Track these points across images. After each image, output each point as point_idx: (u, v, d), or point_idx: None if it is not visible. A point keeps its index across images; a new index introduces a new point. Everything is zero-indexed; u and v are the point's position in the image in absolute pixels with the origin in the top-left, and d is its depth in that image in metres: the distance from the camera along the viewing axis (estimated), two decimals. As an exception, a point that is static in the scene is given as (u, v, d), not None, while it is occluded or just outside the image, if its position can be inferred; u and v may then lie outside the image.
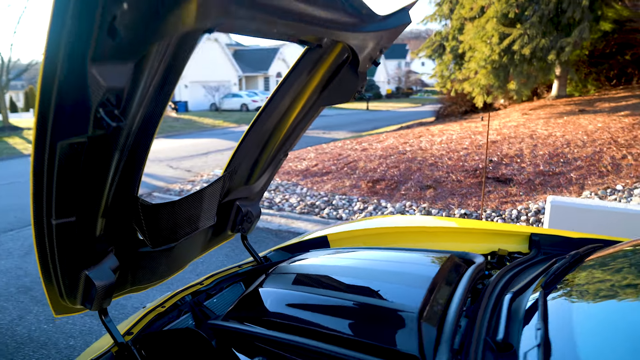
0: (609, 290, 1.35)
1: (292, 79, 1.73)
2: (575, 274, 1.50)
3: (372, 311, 1.31)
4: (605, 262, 1.57)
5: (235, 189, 2.05)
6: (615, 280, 1.40)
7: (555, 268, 1.57)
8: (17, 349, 2.98)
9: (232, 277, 2.05)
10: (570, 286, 1.44)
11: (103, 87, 0.91)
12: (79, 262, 1.29)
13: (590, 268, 1.54)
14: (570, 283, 1.46)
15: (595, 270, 1.52)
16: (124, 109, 1.01)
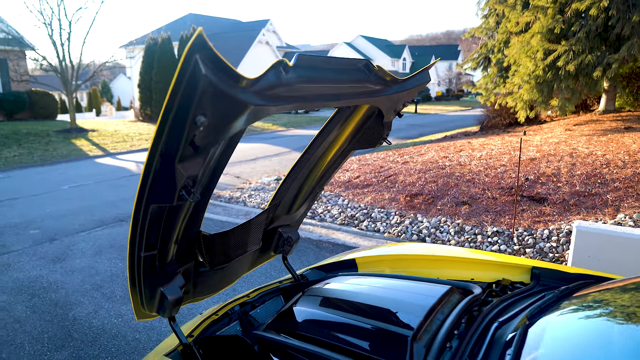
0: (583, 326, 1.63)
1: (328, 130, 2.13)
2: (558, 309, 1.78)
3: (378, 332, 1.69)
4: (587, 299, 1.83)
5: (278, 218, 2.47)
6: (591, 316, 1.66)
7: (543, 302, 1.89)
8: (95, 339, 3.53)
9: (274, 292, 2.46)
10: (551, 319, 1.72)
11: (184, 176, 1.34)
12: (156, 282, 1.73)
13: (573, 304, 1.81)
14: (551, 316, 1.74)
15: (577, 306, 1.79)
16: (198, 187, 1.45)
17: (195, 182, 1.40)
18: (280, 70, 1.39)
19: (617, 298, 1.78)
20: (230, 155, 1.61)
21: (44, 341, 3.53)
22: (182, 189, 1.37)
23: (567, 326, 1.65)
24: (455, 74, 56.98)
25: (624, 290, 1.77)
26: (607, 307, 1.72)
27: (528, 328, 1.68)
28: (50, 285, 4.55)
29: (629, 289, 1.76)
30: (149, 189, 1.37)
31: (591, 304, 1.80)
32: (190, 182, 1.38)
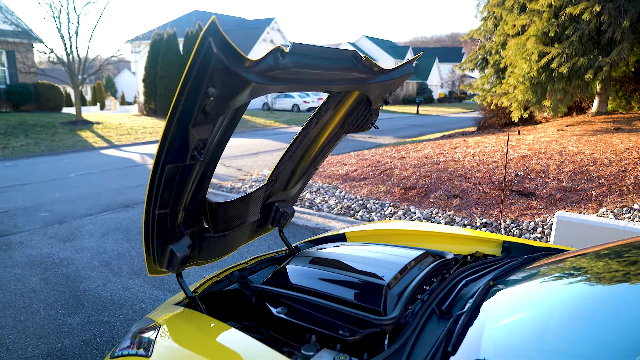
0: (534, 286, 1.90)
1: (320, 114, 2.41)
2: (519, 272, 2.06)
3: (359, 282, 1.97)
4: (544, 265, 2.10)
5: (276, 193, 2.75)
6: (545, 278, 1.93)
7: (507, 267, 2.17)
8: (104, 307, 3.82)
9: (270, 260, 2.74)
10: (510, 281, 2.00)
11: (196, 138, 1.62)
12: (167, 240, 2.01)
13: (532, 268, 2.09)
14: (512, 277, 2.02)
15: (535, 271, 2.07)
16: (207, 149, 1.73)
17: (205, 145, 1.68)
18: (278, 55, 1.68)
19: (570, 263, 2.05)
20: (234, 127, 1.90)
21: (58, 308, 3.82)
22: (194, 150, 1.65)
23: (524, 285, 1.92)
24: (458, 76, 57.19)
25: (576, 258, 2.04)
26: (560, 270, 1.99)
27: (491, 286, 1.97)
28: (61, 261, 4.84)
29: (581, 256, 2.02)
30: (166, 151, 1.66)
31: (547, 268, 2.07)
32: (201, 144, 1.66)
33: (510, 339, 1.53)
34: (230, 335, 1.72)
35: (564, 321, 1.53)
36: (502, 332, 1.58)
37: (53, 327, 3.51)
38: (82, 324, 3.55)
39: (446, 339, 1.58)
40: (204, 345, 1.68)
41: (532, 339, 1.47)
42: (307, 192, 7.39)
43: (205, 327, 1.83)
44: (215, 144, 1.87)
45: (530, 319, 1.58)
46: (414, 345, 1.62)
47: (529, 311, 1.66)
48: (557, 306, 1.63)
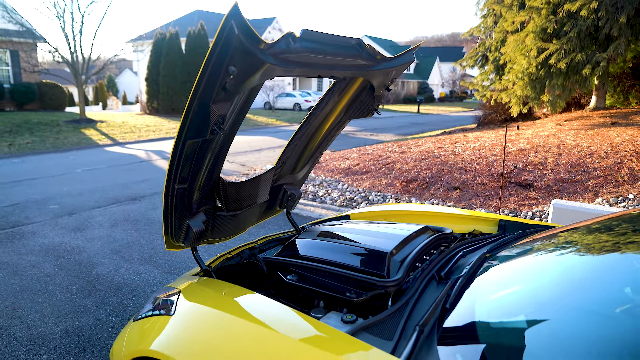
0: (528, 256, 2.05)
1: (325, 100, 2.56)
2: (513, 246, 2.21)
3: (363, 251, 2.12)
4: (536, 240, 2.25)
5: (284, 176, 2.91)
6: (535, 250, 2.08)
7: (502, 241, 2.33)
8: (117, 290, 3.98)
9: (278, 240, 2.89)
10: (504, 254, 2.14)
11: (216, 114, 1.78)
12: (184, 215, 2.16)
13: (526, 243, 2.24)
14: (505, 253, 2.17)
15: (527, 244, 2.21)
16: (225, 124, 1.89)
17: (223, 120, 1.84)
18: (290, 40, 1.84)
19: (562, 236, 2.20)
20: (249, 107, 2.05)
21: (73, 291, 3.98)
22: (214, 125, 1.81)
23: (518, 255, 2.07)
24: (459, 75, 57.29)
25: (569, 232, 2.19)
26: (552, 242, 2.14)
27: (487, 257, 2.12)
28: (73, 249, 5.01)
29: (573, 230, 2.17)
30: (188, 127, 1.81)
31: (540, 241, 2.22)
32: (220, 119, 1.82)
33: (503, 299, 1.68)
34: (248, 295, 1.88)
35: (554, 284, 1.68)
36: (496, 294, 1.73)
37: (69, 307, 3.67)
38: (96, 305, 3.71)
39: (445, 298, 1.73)
40: (224, 303, 1.83)
41: (523, 300, 1.63)
42: (310, 185, 7.55)
43: (224, 289, 1.99)
44: (231, 123, 2.02)
45: (521, 284, 1.73)
46: (415, 304, 1.77)
47: (522, 277, 1.81)
48: (548, 275, 1.79)
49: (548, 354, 1.33)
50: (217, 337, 1.63)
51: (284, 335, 1.53)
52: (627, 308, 1.46)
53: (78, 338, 3.23)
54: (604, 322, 1.39)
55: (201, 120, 1.80)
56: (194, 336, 1.68)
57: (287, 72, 1.97)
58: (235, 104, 1.91)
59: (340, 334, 1.51)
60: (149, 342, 1.73)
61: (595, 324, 1.39)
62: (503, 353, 1.38)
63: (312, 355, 1.42)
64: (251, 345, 1.53)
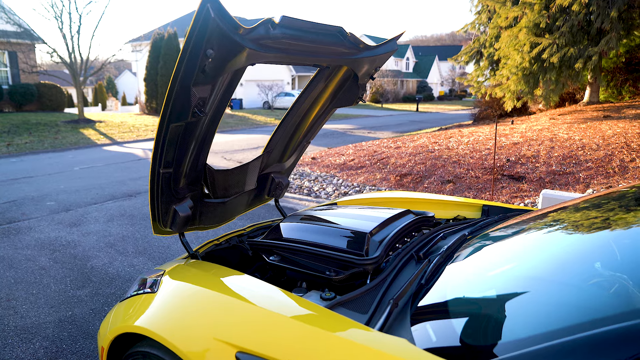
0: (503, 240, 2.10)
1: (310, 89, 2.62)
2: (491, 229, 2.26)
3: (344, 232, 2.18)
4: (517, 222, 2.30)
5: (271, 164, 2.96)
6: (507, 234, 2.12)
7: (483, 223, 2.38)
8: (112, 281, 4.04)
9: (267, 227, 2.94)
10: (484, 235, 2.19)
11: (197, 97, 1.83)
12: (170, 199, 2.21)
13: (506, 224, 2.28)
14: (485, 234, 2.22)
15: (506, 228, 2.26)
16: (206, 107, 1.94)
17: (204, 103, 1.89)
18: (269, 26, 1.89)
19: (543, 217, 2.25)
20: (232, 91, 2.10)
21: (67, 282, 4.03)
22: (194, 107, 1.86)
23: (497, 238, 2.12)
24: (458, 74, 57.31)
25: (553, 213, 2.24)
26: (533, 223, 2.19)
27: (467, 238, 2.18)
28: (69, 243, 5.06)
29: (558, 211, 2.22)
30: (170, 110, 1.86)
31: (520, 223, 2.27)
32: (201, 102, 1.87)
33: (478, 277, 1.73)
34: (232, 275, 1.93)
35: (531, 262, 1.73)
36: (472, 272, 1.78)
37: (63, 298, 3.73)
38: (90, 296, 3.76)
39: (422, 275, 1.79)
40: (208, 281, 1.89)
41: (499, 277, 1.68)
42: (305, 181, 7.61)
43: (209, 269, 2.04)
44: (214, 106, 2.07)
45: (499, 263, 1.79)
46: (392, 281, 1.83)
47: (500, 257, 1.86)
48: (521, 252, 1.84)
49: (515, 325, 1.38)
50: (199, 311, 1.68)
51: (262, 307, 1.58)
52: (596, 282, 1.52)
53: (71, 327, 3.29)
54: (576, 292, 1.43)
55: (182, 103, 1.85)
56: (177, 311, 1.74)
57: (269, 58, 2.02)
58: (218, 88, 1.96)
59: (317, 307, 1.56)
60: (133, 319, 1.79)
61: (567, 294, 1.44)
62: (474, 325, 1.43)
63: (287, 325, 1.48)
64: (230, 317, 1.58)
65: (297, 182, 7.54)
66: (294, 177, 7.80)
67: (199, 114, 1.88)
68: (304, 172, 8.07)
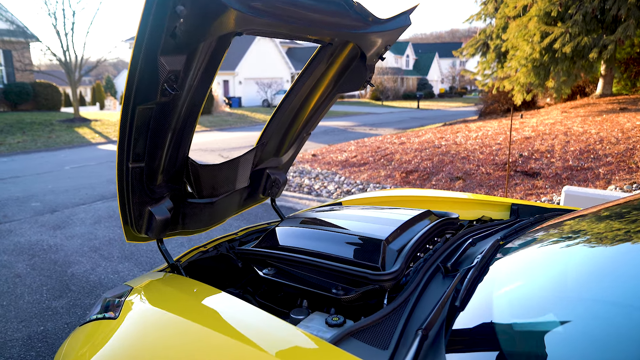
0: (548, 244, 1.70)
1: (310, 70, 2.20)
2: (530, 234, 1.86)
3: (354, 239, 1.78)
4: (556, 225, 1.90)
5: (266, 159, 2.55)
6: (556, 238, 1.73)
7: (517, 226, 1.98)
8: (91, 291, 3.64)
9: (261, 231, 2.55)
10: (521, 240, 1.79)
11: (167, 70, 1.43)
12: (145, 200, 1.81)
13: (542, 230, 1.88)
14: (523, 239, 1.82)
15: (546, 232, 1.86)
16: (180, 84, 1.53)
17: (177, 78, 1.49)
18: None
19: (587, 221, 1.85)
20: (217, 65, 1.68)
21: (43, 292, 3.64)
22: (164, 83, 1.46)
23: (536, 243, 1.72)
24: (458, 71, 56.91)
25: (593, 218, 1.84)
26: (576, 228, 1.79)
27: (500, 245, 1.77)
28: (50, 247, 4.67)
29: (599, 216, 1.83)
30: (136, 87, 1.46)
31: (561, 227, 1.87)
32: (172, 76, 1.47)
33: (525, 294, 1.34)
34: (212, 295, 1.54)
35: (581, 278, 1.35)
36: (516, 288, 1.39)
37: (36, 311, 3.34)
38: (67, 308, 3.37)
39: (453, 295, 1.39)
40: (180, 305, 1.49)
41: (548, 297, 1.29)
42: (305, 178, 7.21)
43: (184, 288, 1.64)
44: (194, 84, 1.66)
45: (545, 276, 1.39)
46: (416, 302, 1.43)
47: (545, 268, 1.47)
48: (573, 264, 1.45)
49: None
50: (161, 348, 1.28)
51: (246, 346, 1.19)
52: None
53: (41, 345, 2.90)
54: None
55: (148, 77, 1.45)
56: (135, 349, 1.34)
57: (262, 26, 1.61)
58: (197, 60, 1.55)
59: (320, 342, 1.17)
60: (88, 357, 1.39)
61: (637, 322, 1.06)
62: None
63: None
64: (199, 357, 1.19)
65: (297, 180, 7.14)
66: (293, 175, 7.40)
67: (170, 91, 1.48)
68: (304, 170, 7.67)
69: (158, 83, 1.46)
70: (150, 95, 1.49)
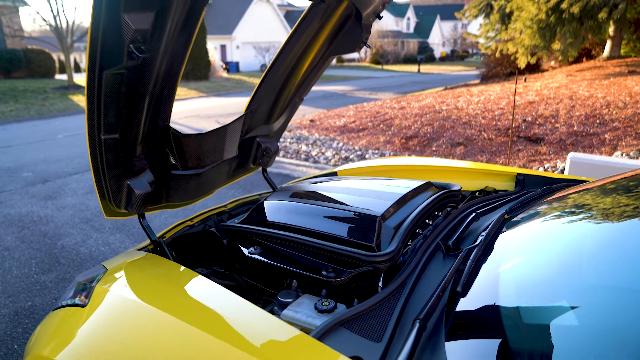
0: (557, 219, 1.56)
1: (302, 30, 2.01)
2: (538, 207, 1.72)
3: (346, 215, 1.64)
4: (566, 197, 1.75)
5: (256, 127, 2.38)
6: (567, 212, 1.59)
7: (523, 199, 1.83)
8: (81, 264, 3.54)
9: (252, 202, 2.41)
10: (528, 214, 1.65)
11: (132, 29, 1.25)
12: (122, 174, 1.66)
13: (552, 201, 1.74)
14: (530, 211, 1.67)
15: (555, 204, 1.71)
16: (150, 46, 1.36)
17: (146, 38, 1.31)
18: None
19: (595, 197, 1.71)
20: (195, 25, 1.50)
21: (32, 266, 3.54)
22: (130, 43, 1.28)
23: (545, 218, 1.59)
24: (460, 34, 55.71)
25: (602, 191, 1.70)
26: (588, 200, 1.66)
27: (506, 219, 1.63)
28: (41, 219, 4.55)
29: (608, 189, 1.69)
30: (100, 51, 1.29)
31: (571, 199, 1.73)
32: (139, 36, 1.29)
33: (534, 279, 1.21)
34: (189, 282, 1.41)
35: (594, 255, 1.22)
36: (523, 269, 1.27)
37: (24, 285, 3.24)
38: (55, 282, 3.28)
39: (455, 278, 1.27)
40: (151, 292, 1.37)
41: (559, 277, 1.16)
42: (303, 145, 7.04)
43: (160, 272, 1.51)
44: (172, 47, 1.48)
45: (556, 258, 1.25)
46: (414, 286, 1.30)
47: (554, 248, 1.33)
48: (585, 240, 1.31)
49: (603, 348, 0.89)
50: (131, 342, 1.16)
51: (223, 343, 1.06)
52: None
53: (28, 321, 2.81)
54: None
55: (112, 38, 1.27)
56: (103, 341, 1.21)
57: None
58: (168, 17, 1.36)
59: (303, 340, 1.04)
60: (49, 348, 1.27)
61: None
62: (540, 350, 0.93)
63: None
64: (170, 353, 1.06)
65: (294, 146, 6.97)
66: (290, 141, 7.23)
67: (137, 54, 1.30)
68: (302, 136, 7.49)
69: (123, 45, 1.28)
70: (116, 59, 1.32)
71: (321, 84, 20.37)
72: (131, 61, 1.33)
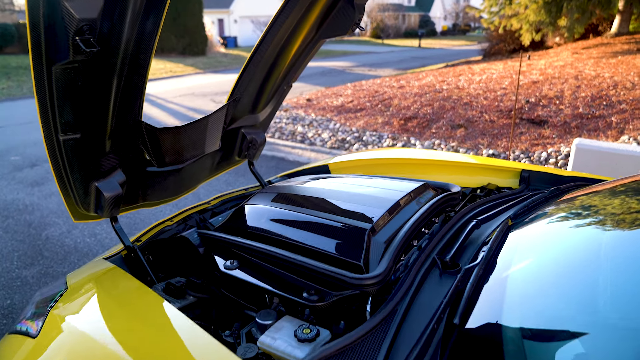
0: (570, 226, 1.40)
1: (288, 11, 1.81)
2: (545, 209, 1.55)
3: (333, 225, 1.47)
4: (577, 199, 1.58)
5: (241, 117, 2.19)
6: (580, 218, 1.43)
7: (529, 202, 1.66)
8: (65, 257, 3.41)
9: (238, 199, 2.24)
10: (536, 219, 1.48)
11: (76, 18, 1.06)
12: (88, 175, 1.49)
13: (562, 204, 1.57)
14: (537, 216, 1.51)
15: (566, 208, 1.54)
16: (102, 38, 1.17)
17: (94, 29, 1.12)
18: None
19: (606, 201, 1.54)
20: (161, 14, 1.31)
21: (13, 259, 3.40)
22: (75, 36, 1.09)
23: (555, 225, 1.43)
24: (462, 7, 54.62)
25: (613, 193, 1.53)
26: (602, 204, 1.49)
27: (510, 227, 1.47)
28: (26, 207, 4.40)
29: (619, 192, 1.52)
30: (45, 43, 1.11)
31: (584, 202, 1.56)
32: (86, 27, 1.10)
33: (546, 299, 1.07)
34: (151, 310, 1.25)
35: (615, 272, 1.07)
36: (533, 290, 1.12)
37: (4, 281, 3.11)
38: (37, 277, 3.14)
39: (452, 305, 1.12)
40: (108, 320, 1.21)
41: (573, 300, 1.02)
42: (299, 125, 6.84)
43: (120, 295, 1.36)
44: (133, 40, 1.29)
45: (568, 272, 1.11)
46: (405, 314, 1.15)
47: (565, 260, 1.18)
48: (604, 252, 1.16)
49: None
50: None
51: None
52: None
53: (6, 321, 2.68)
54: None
55: (54, 29, 1.09)
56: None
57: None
58: (132, 5, 1.17)
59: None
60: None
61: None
62: None
63: None
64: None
65: (290, 127, 6.77)
66: (285, 122, 7.02)
67: (84, 48, 1.12)
68: (298, 116, 7.28)
69: (67, 36, 1.10)
70: (61, 53, 1.14)
71: (320, 60, 19.98)
72: (78, 56, 1.15)
